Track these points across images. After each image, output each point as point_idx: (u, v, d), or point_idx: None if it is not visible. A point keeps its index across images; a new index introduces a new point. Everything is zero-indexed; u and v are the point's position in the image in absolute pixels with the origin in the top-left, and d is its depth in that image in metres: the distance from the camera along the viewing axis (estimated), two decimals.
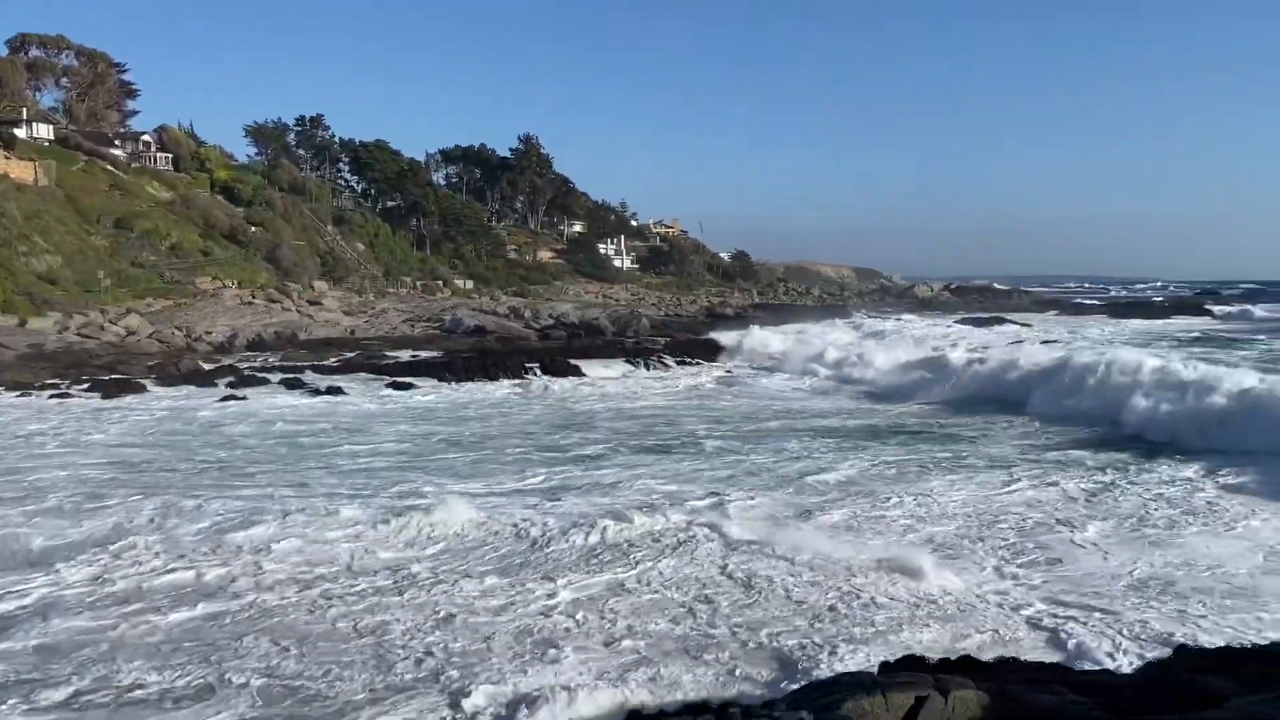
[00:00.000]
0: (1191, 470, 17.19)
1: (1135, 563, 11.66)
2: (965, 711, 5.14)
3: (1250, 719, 5.03)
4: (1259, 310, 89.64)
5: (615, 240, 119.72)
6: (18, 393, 29.21)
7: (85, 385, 30.66)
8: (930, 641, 9.02)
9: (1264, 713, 5.04)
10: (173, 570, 11.41)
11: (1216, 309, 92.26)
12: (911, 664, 7.20)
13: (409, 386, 32.27)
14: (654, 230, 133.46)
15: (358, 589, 10.84)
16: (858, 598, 10.37)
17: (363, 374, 35.85)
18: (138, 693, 8.18)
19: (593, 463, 18.84)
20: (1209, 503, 14.76)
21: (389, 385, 32.42)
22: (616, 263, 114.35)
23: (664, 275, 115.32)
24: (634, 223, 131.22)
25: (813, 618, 9.81)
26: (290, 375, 34.13)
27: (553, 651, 8.91)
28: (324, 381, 32.74)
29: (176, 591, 10.73)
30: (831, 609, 10.04)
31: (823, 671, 8.07)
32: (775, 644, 9.11)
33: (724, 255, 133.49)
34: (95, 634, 9.40)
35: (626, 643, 9.15)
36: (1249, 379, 21.87)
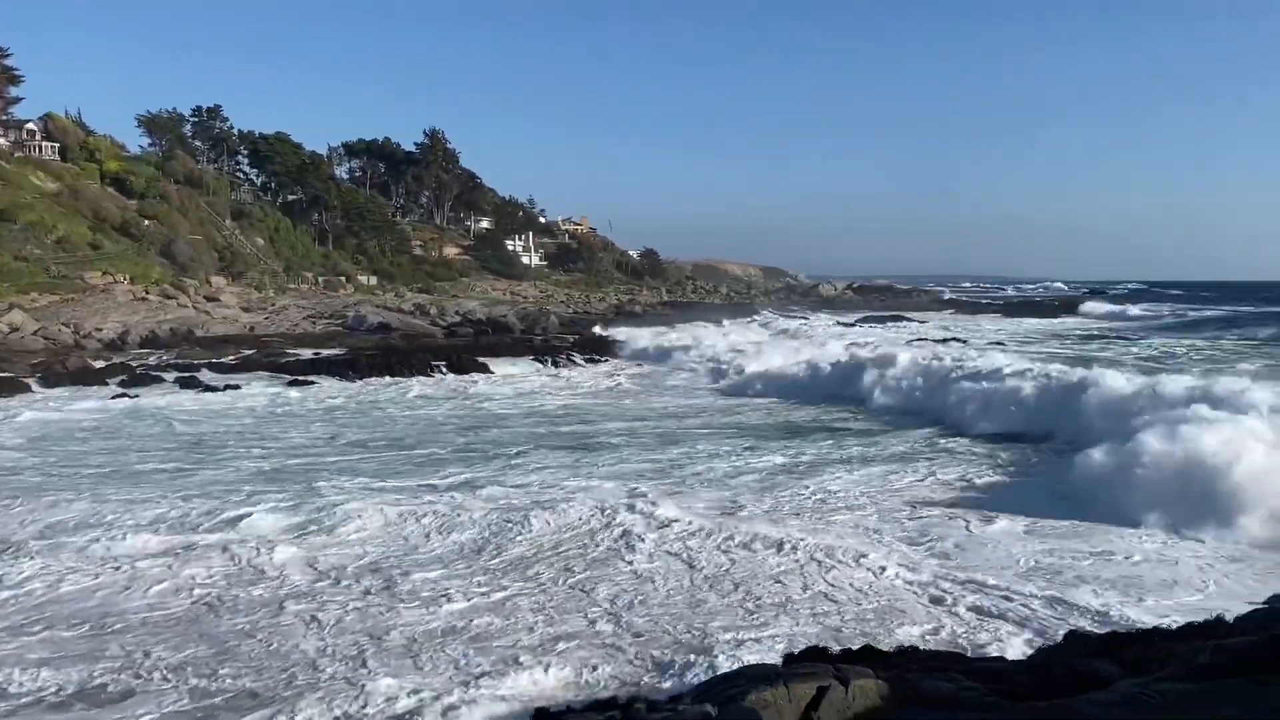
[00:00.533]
0: (1073, 462, 17.84)
1: (1027, 551, 12.08)
2: (865, 700, 5.27)
3: (1131, 699, 5.26)
4: (1135, 309, 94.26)
5: (523, 237, 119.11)
6: None
7: None
8: (841, 631, 9.20)
9: (1143, 694, 5.29)
10: (59, 580, 10.96)
11: (1102, 308, 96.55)
12: (815, 655, 7.34)
13: (311, 384, 31.59)
14: (563, 227, 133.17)
15: (265, 595, 10.58)
16: (775, 591, 10.53)
17: (264, 372, 34.99)
18: (45, 696, 7.87)
19: (507, 462, 18.71)
20: (1093, 493, 15.32)
21: (290, 384, 31.69)
22: (525, 260, 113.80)
23: (573, 273, 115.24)
24: (542, 219, 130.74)
25: (729, 612, 9.92)
26: (187, 374, 33.09)
27: (468, 651, 8.83)
28: (222, 380, 31.84)
29: (64, 603, 10.31)
30: (745, 604, 10.17)
31: (735, 664, 8.17)
32: (689, 639, 9.20)
33: (633, 253, 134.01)
34: None
35: (540, 642, 9.12)
36: (1115, 379, 22.23)
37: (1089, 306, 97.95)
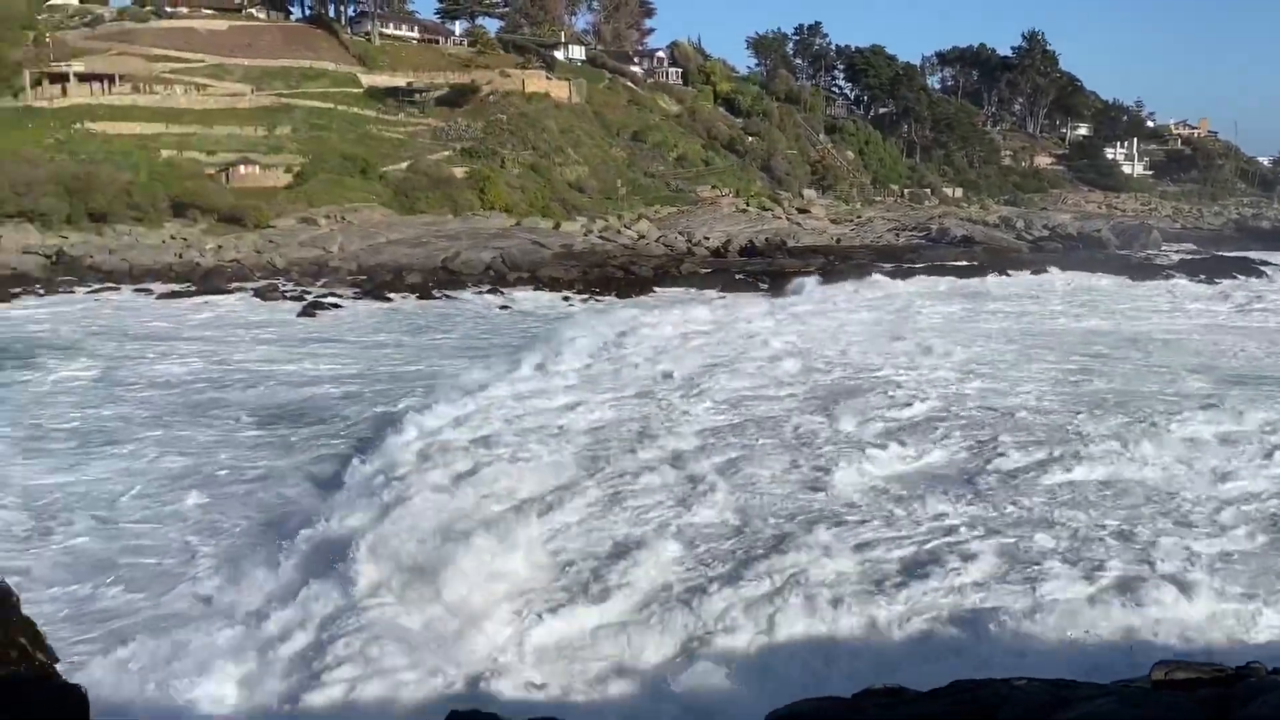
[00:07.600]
0: None
1: None
2: None
3: None
4: None
5: (1125, 144, 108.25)
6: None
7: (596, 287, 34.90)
8: None
9: None
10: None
11: None
12: None
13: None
14: (1174, 132, 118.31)
15: None
16: None
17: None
18: None
19: None
20: None
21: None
22: (1125, 169, 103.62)
23: (1183, 183, 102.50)
24: (1150, 124, 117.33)
25: None
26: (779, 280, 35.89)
27: None
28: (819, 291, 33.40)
29: None
30: None
31: None
32: None
33: (1263, 160, 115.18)
34: None
35: None
36: None
37: None
